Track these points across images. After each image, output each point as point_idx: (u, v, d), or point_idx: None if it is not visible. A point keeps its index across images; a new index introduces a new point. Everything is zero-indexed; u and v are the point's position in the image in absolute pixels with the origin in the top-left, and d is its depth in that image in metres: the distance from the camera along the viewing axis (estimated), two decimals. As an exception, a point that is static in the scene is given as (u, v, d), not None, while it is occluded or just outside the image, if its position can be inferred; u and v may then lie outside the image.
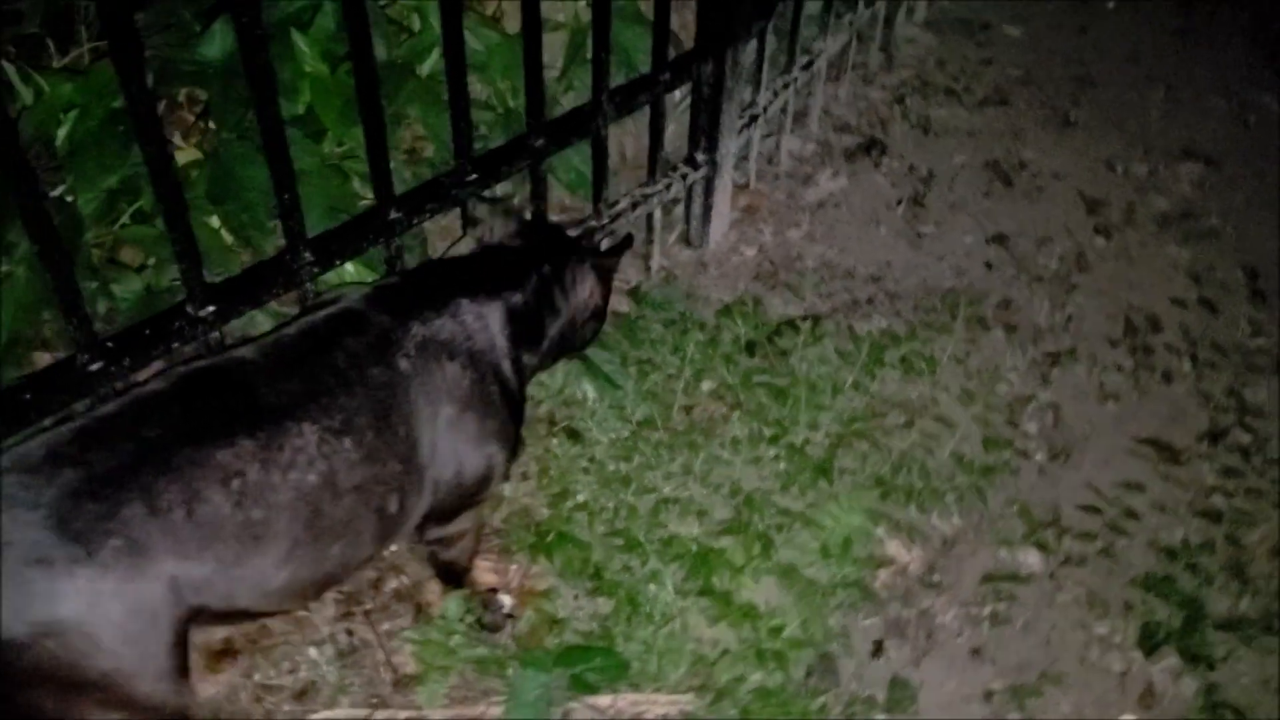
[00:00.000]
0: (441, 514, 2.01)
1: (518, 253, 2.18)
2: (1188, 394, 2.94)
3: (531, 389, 2.43)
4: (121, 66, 1.75)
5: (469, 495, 2.03)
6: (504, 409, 2.02)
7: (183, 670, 1.63)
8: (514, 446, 2.10)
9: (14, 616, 1.45)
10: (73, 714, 1.54)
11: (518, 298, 2.07)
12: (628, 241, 2.29)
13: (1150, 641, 2.32)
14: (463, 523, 2.12)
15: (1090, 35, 4.49)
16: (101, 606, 1.51)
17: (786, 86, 3.49)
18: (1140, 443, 2.80)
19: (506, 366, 2.03)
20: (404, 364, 1.85)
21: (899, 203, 3.58)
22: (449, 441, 1.91)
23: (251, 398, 1.70)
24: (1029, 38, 4.48)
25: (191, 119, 3.13)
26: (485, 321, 1.99)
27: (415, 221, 2.35)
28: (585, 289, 2.22)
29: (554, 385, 2.76)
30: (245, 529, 1.62)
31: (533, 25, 2.38)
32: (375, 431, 1.77)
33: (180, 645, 1.62)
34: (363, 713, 2.22)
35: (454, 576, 2.28)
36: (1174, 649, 2.31)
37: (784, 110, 3.60)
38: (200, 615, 1.64)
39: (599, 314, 2.32)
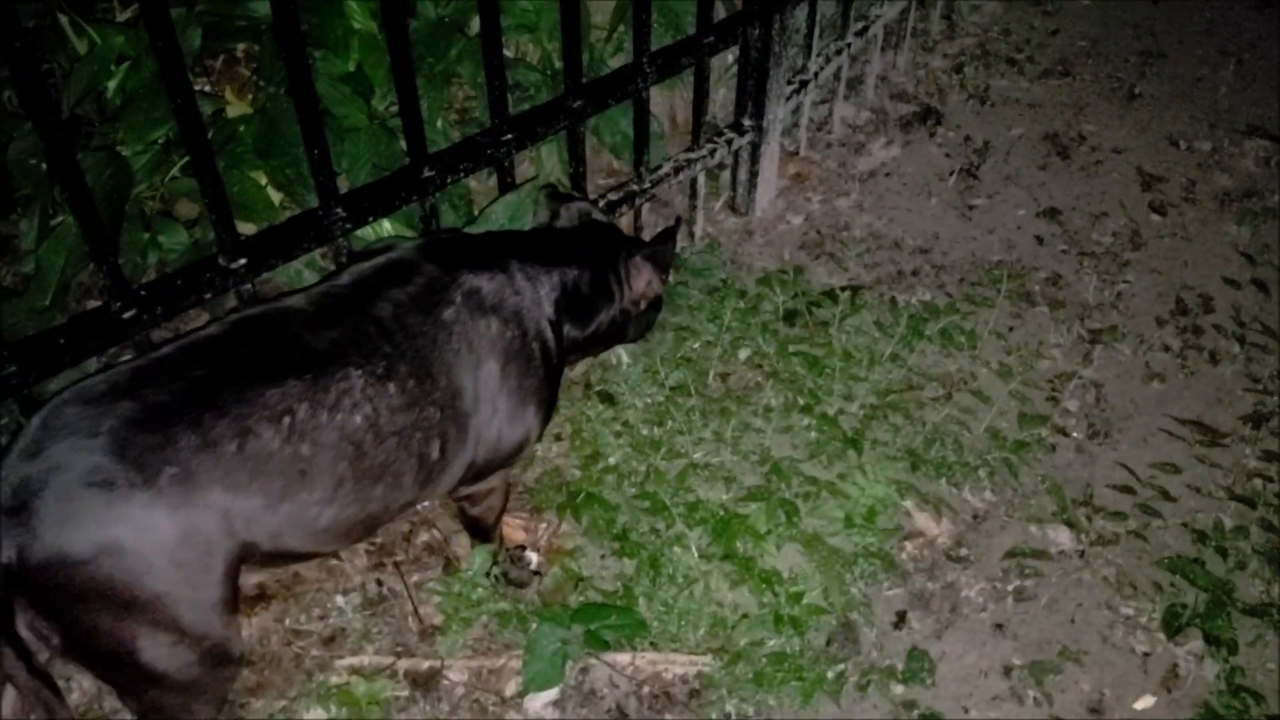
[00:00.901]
0: (476, 471, 2.05)
1: (577, 236, 2.24)
2: (1234, 376, 2.86)
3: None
4: (150, 22, 1.78)
5: (505, 453, 2.07)
6: (543, 370, 2.05)
7: (231, 604, 1.70)
8: (549, 409, 2.13)
9: (77, 532, 1.53)
10: (125, 632, 1.61)
11: (572, 273, 2.11)
12: (674, 228, 2.31)
13: (1174, 623, 2.28)
14: (492, 480, 2.16)
15: (1163, 7, 4.36)
16: (157, 529, 1.57)
17: (839, 52, 3.45)
18: (1181, 424, 2.74)
19: (549, 332, 2.06)
20: (448, 313, 1.90)
21: (952, 174, 3.52)
22: (490, 395, 1.96)
23: (300, 342, 1.76)
24: (1099, 8, 4.36)
25: (248, 74, 3.19)
26: (533, 285, 2.03)
27: (450, 180, 2.38)
28: (642, 280, 2.24)
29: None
30: (293, 465, 1.68)
31: (571, -15, 2.37)
32: (417, 378, 1.83)
33: (230, 579, 1.68)
34: (388, 660, 2.27)
35: (482, 532, 2.33)
36: (1198, 631, 2.27)
37: (837, 76, 3.56)
38: (251, 553, 1.71)
39: (656, 304, 2.35)
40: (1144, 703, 2.23)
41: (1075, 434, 2.73)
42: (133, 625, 1.60)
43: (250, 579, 2.31)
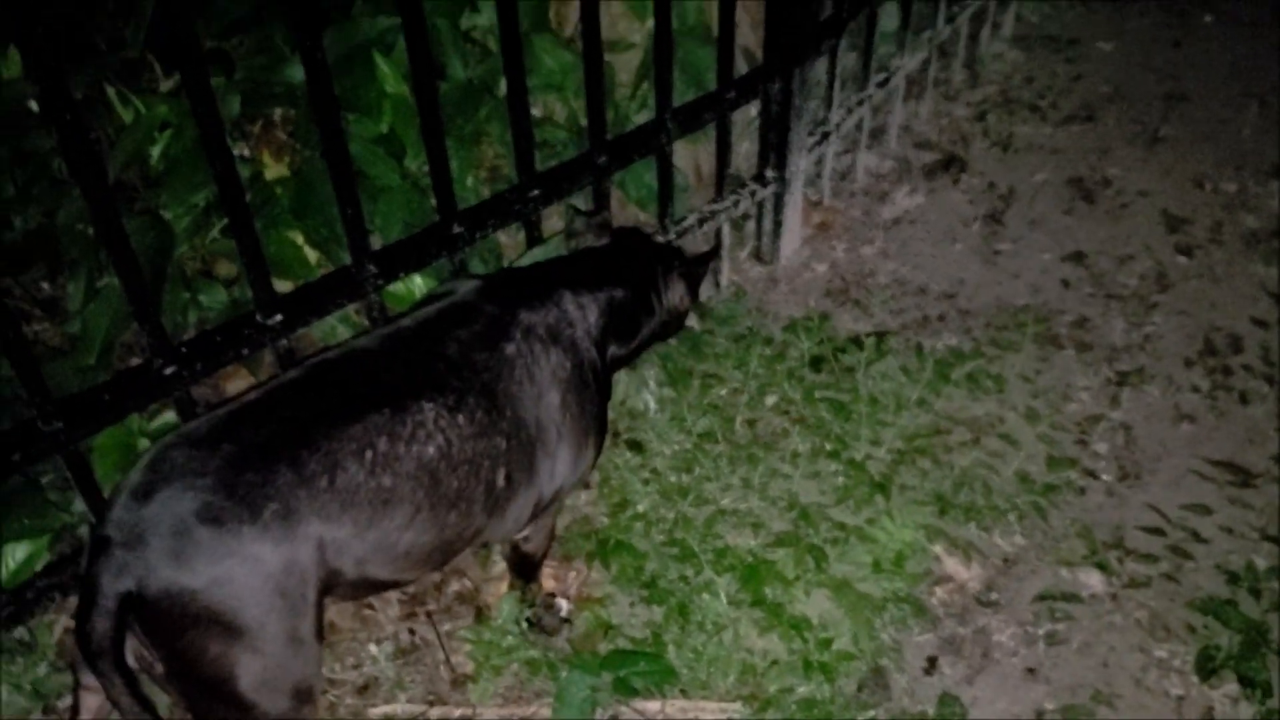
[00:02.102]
0: (544, 504, 2.15)
1: (617, 255, 2.36)
2: (1265, 416, 2.85)
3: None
4: (191, 91, 1.86)
5: (568, 482, 2.17)
6: (597, 396, 2.17)
7: (319, 633, 1.79)
8: (603, 433, 2.25)
9: (190, 566, 1.63)
10: (228, 658, 1.68)
11: (619, 293, 2.24)
12: (716, 249, 2.40)
13: (1208, 666, 2.27)
14: (545, 517, 2.25)
15: (1185, 50, 4.39)
16: (262, 563, 1.67)
17: (861, 104, 3.51)
18: (1212, 465, 2.73)
19: (596, 356, 2.18)
20: (510, 349, 2.02)
21: (976, 220, 3.56)
22: (554, 424, 2.07)
23: (375, 379, 1.89)
24: (1121, 53, 4.40)
25: (284, 138, 3.29)
26: (584, 312, 2.16)
27: (479, 235, 2.44)
28: (677, 294, 2.39)
29: (617, 397, 2.82)
30: (377, 494, 1.79)
31: (593, 45, 2.45)
32: (484, 410, 1.94)
33: (320, 607, 1.78)
34: (419, 709, 2.31)
35: (529, 570, 2.39)
36: (1232, 674, 2.26)
37: (859, 127, 3.62)
38: (336, 581, 1.80)
39: (685, 315, 2.49)
40: (1179, 746, 2.21)
41: (1105, 476, 2.73)
42: (236, 651, 1.69)
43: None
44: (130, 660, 1.66)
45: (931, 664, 2.37)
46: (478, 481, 1.93)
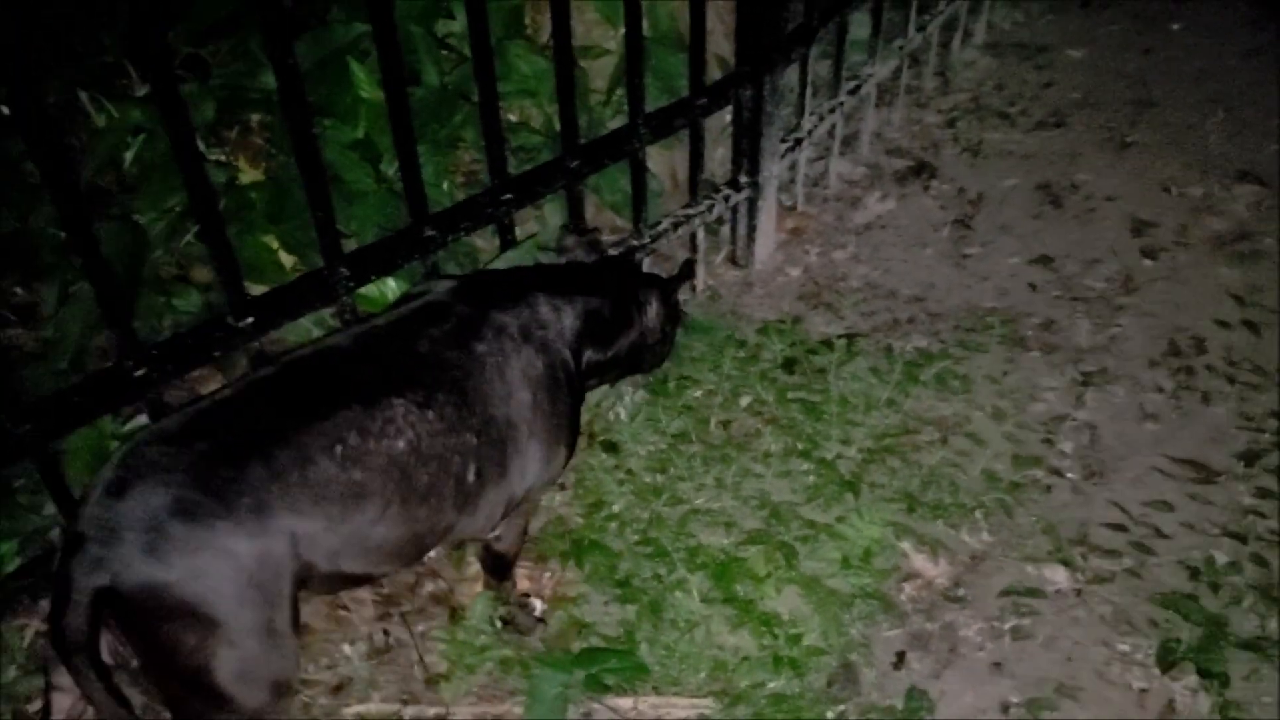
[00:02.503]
0: (515, 503, 2.18)
1: (596, 268, 2.43)
2: (1228, 415, 2.89)
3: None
4: (161, 98, 1.89)
5: (539, 480, 2.19)
6: (569, 398, 2.20)
7: (295, 625, 1.81)
8: (575, 434, 2.27)
9: (164, 561, 1.64)
10: (204, 651, 1.70)
11: (594, 301, 2.28)
12: (688, 269, 2.55)
13: (1169, 658, 2.31)
14: (519, 515, 2.28)
15: (1154, 57, 4.45)
16: (236, 556, 1.70)
17: (833, 110, 3.55)
18: (1175, 463, 2.77)
19: (570, 359, 2.21)
20: (480, 348, 2.05)
21: (946, 225, 3.60)
22: (524, 422, 2.10)
23: (347, 376, 1.92)
24: (1091, 60, 4.46)
25: (261, 144, 3.31)
26: (558, 315, 2.20)
27: (450, 239, 2.47)
28: (653, 310, 2.43)
29: (593, 400, 2.85)
30: (348, 489, 1.81)
31: (564, 51, 2.48)
32: (454, 406, 1.97)
33: (294, 600, 1.80)
34: (393, 708, 2.32)
35: (503, 569, 2.41)
36: (1193, 666, 2.30)
37: (831, 134, 3.66)
38: (309, 574, 1.82)
39: (668, 338, 2.53)
40: (1141, 738, 2.25)
41: (1070, 475, 2.77)
42: (212, 644, 1.70)
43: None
44: (105, 656, 1.67)
45: (900, 659, 2.40)
46: (448, 476, 1.96)
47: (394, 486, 1.87)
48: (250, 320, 2.18)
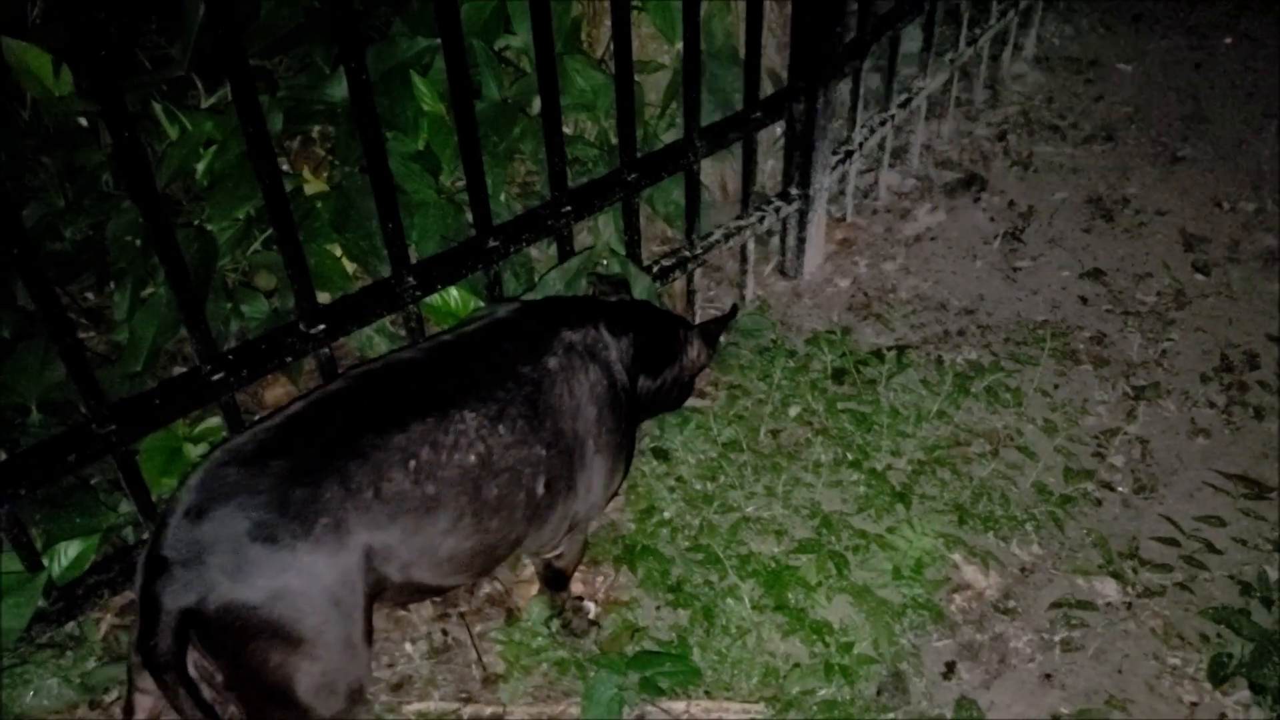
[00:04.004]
0: (576, 520, 2.23)
1: (644, 305, 2.53)
2: (1280, 431, 2.91)
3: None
4: (242, 108, 1.96)
5: (598, 498, 2.24)
6: (628, 417, 2.26)
7: (369, 637, 1.87)
8: (631, 455, 2.33)
9: (248, 582, 1.70)
10: (287, 667, 1.76)
11: (646, 333, 2.36)
12: (732, 313, 2.65)
13: (1220, 673, 2.32)
14: (579, 531, 2.32)
15: (1205, 71, 4.45)
16: (317, 575, 1.75)
17: (884, 123, 3.58)
18: (1226, 478, 2.78)
19: (626, 380, 2.27)
20: (552, 362, 2.10)
21: (996, 237, 3.62)
22: (591, 436, 2.15)
23: (418, 390, 1.96)
24: (1141, 74, 4.46)
25: (323, 154, 3.40)
26: (618, 340, 2.26)
27: (513, 249, 2.53)
28: (694, 349, 2.52)
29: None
30: (421, 502, 1.86)
31: (624, 66, 2.53)
32: (525, 419, 2.02)
33: (369, 612, 1.85)
34: (452, 707, 2.38)
35: (560, 582, 2.46)
36: (1244, 681, 2.31)
37: (882, 146, 3.69)
38: (383, 587, 1.87)
39: (691, 384, 2.60)
40: (1192, 751, 2.26)
41: (1121, 488, 2.79)
42: (295, 659, 1.76)
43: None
44: (191, 672, 1.72)
45: (950, 669, 2.43)
46: (519, 489, 2.00)
47: (466, 499, 1.92)
48: (322, 327, 2.25)
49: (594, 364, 2.17)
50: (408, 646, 2.48)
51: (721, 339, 2.78)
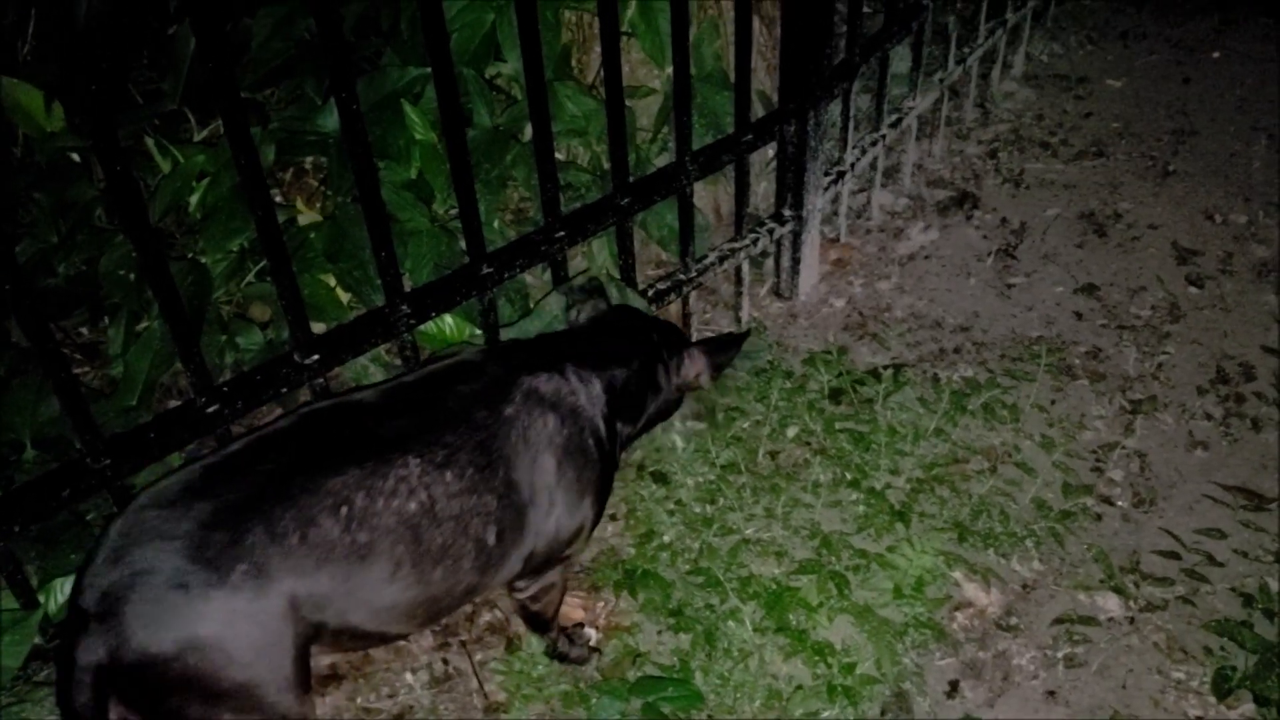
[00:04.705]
0: (535, 565, 2.15)
1: (623, 331, 2.36)
2: (1277, 442, 2.89)
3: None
4: (234, 141, 1.96)
5: (561, 547, 2.15)
6: (599, 465, 2.15)
7: (305, 684, 1.80)
8: (603, 502, 2.23)
9: (161, 633, 1.64)
10: (213, 716, 1.72)
11: (621, 373, 2.23)
12: (744, 335, 2.49)
13: (1224, 685, 2.31)
14: (550, 576, 2.24)
15: (1194, 86, 4.47)
16: (234, 624, 1.68)
17: (875, 144, 3.60)
18: (1226, 490, 2.78)
19: (603, 428, 2.17)
20: (508, 410, 2.02)
21: (989, 255, 3.63)
22: (547, 488, 2.06)
23: (363, 433, 1.88)
24: (1130, 90, 4.48)
25: (315, 184, 3.41)
26: (587, 385, 2.15)
27: (507, 276, 2.53)
28: (694, 370, 2.38)
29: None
30: (353, 550, 1.78)
31: (615, 91, 2.54)
32: (476, 467, 1.93)
33: (302, 660, 1.78)
34: (454, 736, 2.36)
35: (541, 625, 2.41)
36: (1249, 693, 2.30)
37: (874, 166, 3.71)
38: (320, 633, 1.81)
39: (682, 396, 2.46)
40: (1199, 766, 2.25)
41: (1120, 503, 2.78)
42: (218, 712, 1.71)
43: (323, 660, 2.43)
44: None
45: (953, 687, 2.42)
46: (466, 539, 1.92)
47: (404, 547, 1.84)
48: (316, 357, 2.25)
49: (554, 413, 2.07)
50: (408, 676, 2.47)
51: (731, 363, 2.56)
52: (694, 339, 3.13)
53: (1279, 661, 2.33)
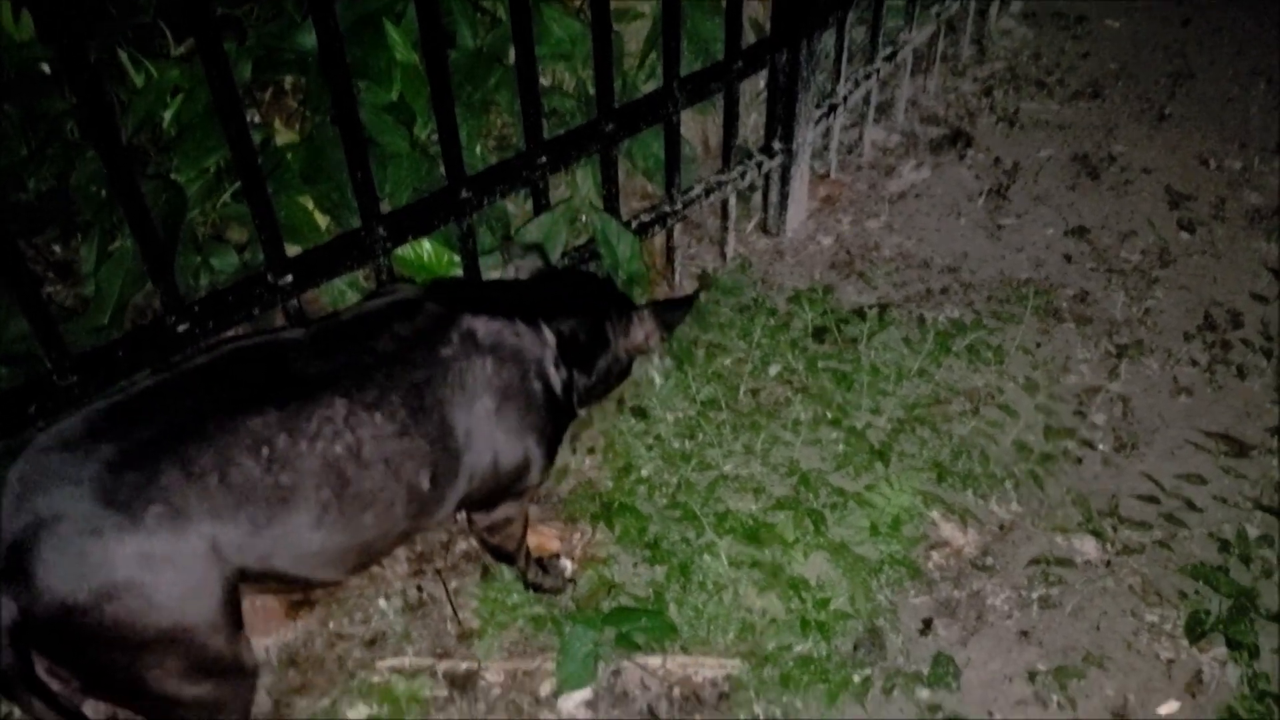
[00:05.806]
0: (481, 501, 2.10)
1: (569, 287, 2.27)
2: (1262, 390, 2.88)
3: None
4: (206, 56, 1.90)
5: (505, 485, 2.09)
6: (545, 409, 2.08)
7: (235, 624, 1.75)
8: (552, 448, 2.15)
9: (74, 583, 1.56)
10: (138, 667, 1.67)
11: (569, 322, 2.13)
12: (693, 297, 2.39)
13: (1198, 629, 2.31)
14: (506, 510, 2.19)
15: (1193, 28, 4.40)
16: (152, 568, 1.61)
17: (869, 77, 3.53)
18: (1208, 436, 2.77)
19: (553, 374, 2.09)
20: (446, 351, 1.93)
21: (981, 195, 3.58)
22: (486, 431, 1.98)
23: (289, 371, 1.79)
24: (1129, 31, 4.41)
25: (295, 105, 3.33)
26: (533, 329, 2.06)
27: (486, 201, 2.48)
28: (643, 332, 2.26)
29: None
30: (274, 492, 1.71)
31: (601, 14, 2.47)
32: (409, 410, 1.85)
33: (230, 601, 1.72)
34: (427, 662, 2.36)
35: (505, 557, 2.38)
36: (1222, 637, 2.30)
37: (867, 100, 3.64)
38: (247, 577, 1.74)
39: (629, 368, 2.35)
40: (1168, 708, 2.25)
41: (1102, 447, 2.77)
42: (145, 659, 1.66)
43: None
44: (46, 680, 1.63)
45: (927, 625, 2.42)
46: (398, 483, 1.85)
47: (331, 491, 1.76)
48: (289, 279, 2.20)
49: (493, 355, 1.97)
50: (382, 602, 2.45)
51: (679, 324, 2.40)
52: (677, 274, 3.11)
53: (1253, 606, 2.33)
